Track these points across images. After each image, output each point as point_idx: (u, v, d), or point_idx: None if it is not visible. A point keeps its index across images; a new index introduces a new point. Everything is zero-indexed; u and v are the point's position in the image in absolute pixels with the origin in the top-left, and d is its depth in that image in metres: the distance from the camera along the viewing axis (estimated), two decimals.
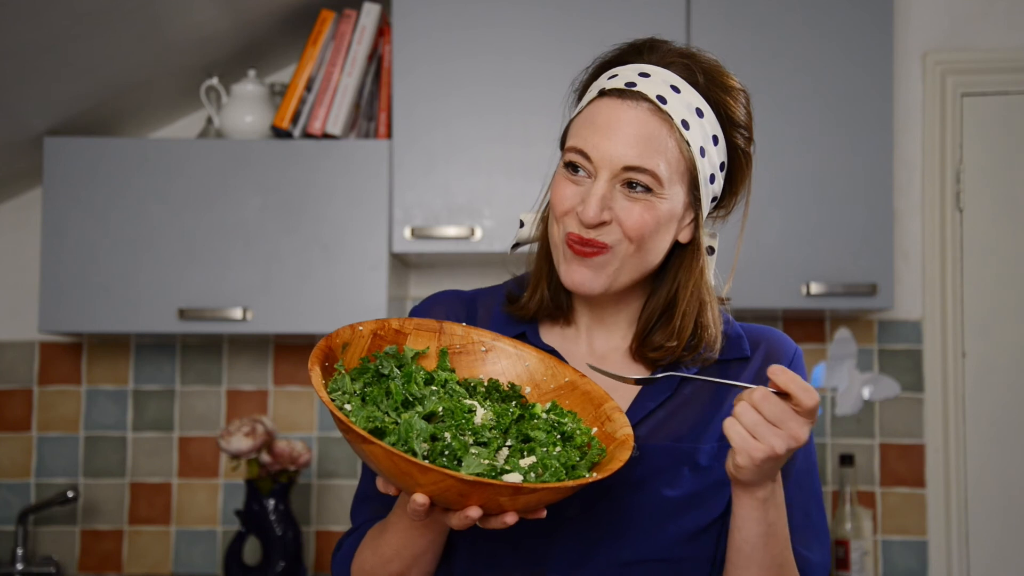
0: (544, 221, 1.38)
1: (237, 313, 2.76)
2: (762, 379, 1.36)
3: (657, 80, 1.27)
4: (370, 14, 2.85)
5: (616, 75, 1.29)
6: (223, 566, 2.93)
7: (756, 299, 2.78)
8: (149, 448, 3.10)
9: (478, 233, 2.77)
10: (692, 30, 2.78)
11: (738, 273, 2.75)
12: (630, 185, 1.26)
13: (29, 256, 3.11)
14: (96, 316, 2.78)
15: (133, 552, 3.09)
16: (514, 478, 1.11)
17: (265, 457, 2.84)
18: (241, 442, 2.80)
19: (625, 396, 1.34)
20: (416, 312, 1.43)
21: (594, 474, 1.14)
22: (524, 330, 1.38)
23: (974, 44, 3.07)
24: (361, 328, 1.27)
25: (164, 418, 3.10)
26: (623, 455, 1.16)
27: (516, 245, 1.44)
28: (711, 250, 1.37)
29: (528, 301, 1.38)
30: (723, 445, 1.31)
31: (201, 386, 3.11)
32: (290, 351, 3.12)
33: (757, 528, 1.21)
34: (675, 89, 1.27)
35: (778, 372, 1.14)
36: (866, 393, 3.06)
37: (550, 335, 1.39)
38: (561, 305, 1.38)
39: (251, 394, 3.11)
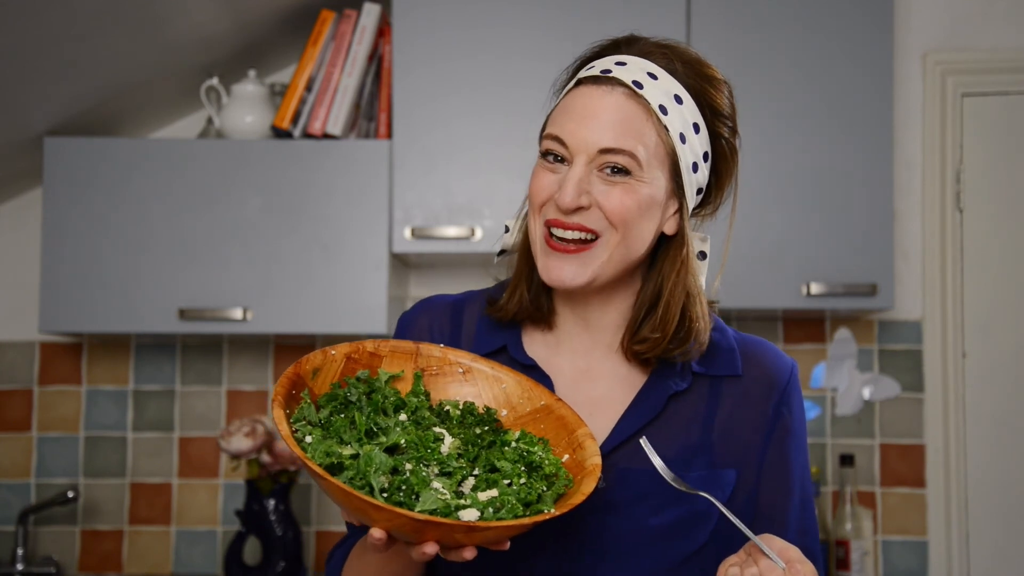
0: (525, 222, 1.35)
1: (237, 313, 2.76)
2: (752, 402, 1.32)
3: (633, 68, 1.26)
4: (370, 14, 2.85)
5: (593, 66, 1.29)
6: (223, 566, 2.93)
7: (756, 299, 2.78)
8: (149, 448, 3.10)
9: (478, 233, 2.77)
10: (692, 30, 2.78)
11: (738, 273, 2.77)
12: (609, 169, 1.24)
13: (29, 256, 3.11)
14: (96, 316, 2.78)
15: (133, 552, 3.09)
16: (471, 514, 1.10)
17: (265, 457, 2.84)
18: (241, 442, 2.80)
19: (611, 412, 1.31)
20: (404, 319, 1.41)
21: (552, 510, 1.13)
22: (505, 342, 1.34)
23: (974, 44, 3.07)
24: (334, 352, 1.25)
25: (164, 418, 3.10)
26: (588, 487, 1.15)
27: (502, 252, 1.40)
28: (703, 255, 1.34)
29: (507, 303, 1.34)
30: (710, 474, 1.28)
31: (201, 386, 3.11)
32: (290, 351, 3.12)
33: None
34: (652, 76, 1.26)
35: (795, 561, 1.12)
36: (866, 393, 3.06)
37: (532, 345, 1.36)
38: (541, 307, 1.34)
39: (251, 394, 3.11)
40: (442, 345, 1.31)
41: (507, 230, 1.39)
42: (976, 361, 3.04)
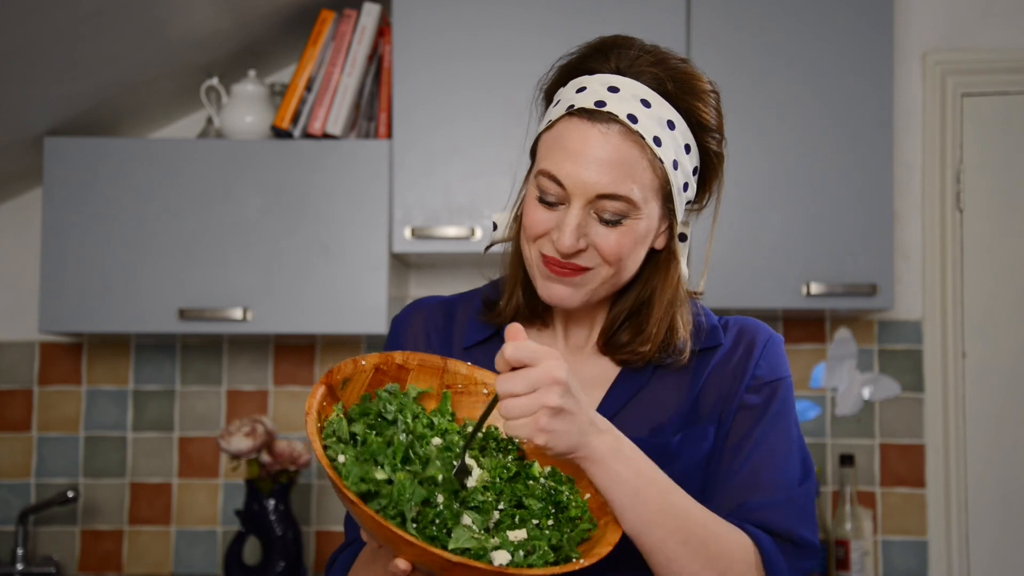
0: (516, 222, 1.37)
1: (237, 313, 2.76)
2: (732, 361, 1.35)
3: (626, 95, 1.25)
4: (370, 14, 2.85)
5: (584, 88, 1.27)
6: (223, 566, 2.93)
7: (756, 299, 2.78)
8: (149, 448, 3.10)
9: (478, 233, 2.77)
10: (692, 30, 2.78)
11: (738, 273, 2.77)
12: (606, 213, 1.26)
13: (29, 256, 3.11)
14: (96, 316, 2.78)
15: (133, 552, 3.09)
16: (502, 556, 1.09)
17: (265, 457, 2.84)
18: (241, 442, 2.80)
19: (602, 388, 1.35)
20: (397, 320, 1.43)
21: (582, 560, 1.12)
22: (498, 329, 1.39)
23: (974, 44, 3.07)
24: (364, 363, 1.24)
25: (164, 418, 3.10)
26: (613, 537, 1.15)
27: (489, 246, 1.44)
28: (683, 237, 1.37)
29: (505, 308, 1.38)
30: (691, 431, 1.31)
31: (201, 386, 3.11)
32: (290, 351, 3.12)
33: (615, 490, 1.17)
34: (645, 103, 1.25)
35: (496, 358, 1.13)
36: (866, 393, 3.06)
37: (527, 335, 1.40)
38: (536, 309, 1.38)
39: (251, 394, 3.11)
40: (469, 363, 1.31)
41: (495, 227, 1.42)
42: (976, 361, 3.04)
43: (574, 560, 1.12)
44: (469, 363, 1.32)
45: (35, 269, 3.09)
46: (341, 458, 1.14)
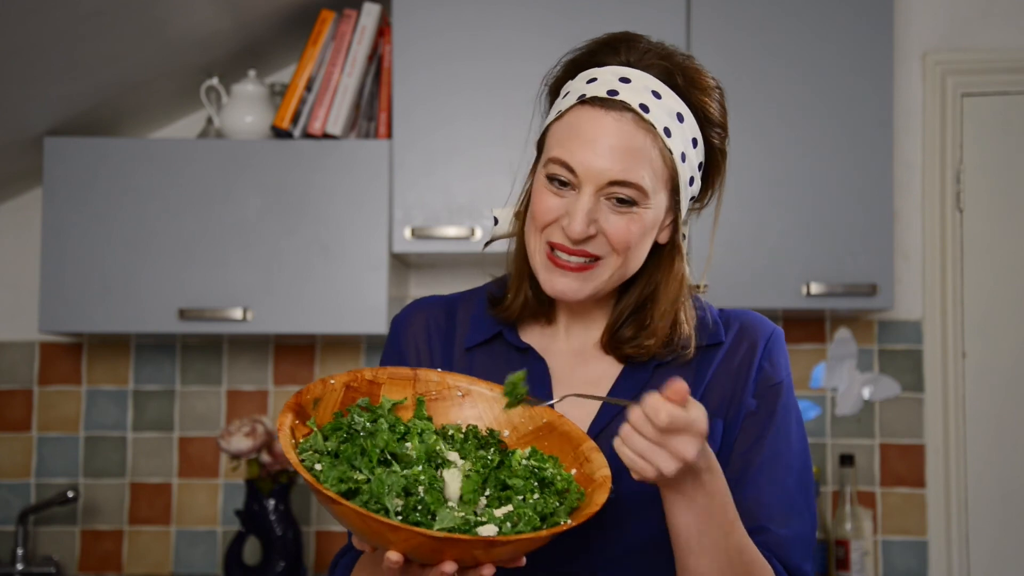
0: (519, 218, 1.38)
1: (237, 313, 2.76)
2: (736, 360, 1.35)
3: (638, 86, 1.26)
4: (370, 14, 2.85)
5: (595, 79, 1.28)
6: (223, 566, 2.93)
7: (756, 299, 2.78)
8: (149, 448, 3.10)
9: (478, 233, 2.77)
10: (692, 30, 2.78)
11: (738, 273, 2.77)
12: (617, 200, 1.26)
13: (29, 256, 3.11)
14: (96, 316, 2.78)
15: (133, 552, 3.09)
16: (489, 530, 1.10)
17: (265, 457, 2.84)
18: (241, 442, 2.80)
19: (605, 389, 1.35)
20: (398, 319, 1.43)
21: (569, 521, 1.13)
22: (501, 329, 1.38)
23: (974, 44, 3.07)
24: (333, 381, 1.24)
25: (164, 418, 3.10)
26: (600, 498, 1.16)
27: (489, 241, 1.44)
28: (682, 236, 1.38)
29: (512, 303, 1.37)
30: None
31: (201, 386, 3.11)
32: (290, 351, 3.12)
33: (686, 517, 1.19)
34: (656, 95, 1.26)
35: (647, 398, 1.12)
36: (866, 393, 3.06)
37: (528, 333, 1.39)
38: (544, 303, 1.38)
39: (251, 394, 3.11)
40: (439, 369, 1.31)
41: (496, 222, 1.42)
42: (976, 361, 3.04)
43: (561, 524, 1.13)
44: (439, 370, 1.31)
45: (35, 269, 3.09)
46: (318, 466, 1.14)
